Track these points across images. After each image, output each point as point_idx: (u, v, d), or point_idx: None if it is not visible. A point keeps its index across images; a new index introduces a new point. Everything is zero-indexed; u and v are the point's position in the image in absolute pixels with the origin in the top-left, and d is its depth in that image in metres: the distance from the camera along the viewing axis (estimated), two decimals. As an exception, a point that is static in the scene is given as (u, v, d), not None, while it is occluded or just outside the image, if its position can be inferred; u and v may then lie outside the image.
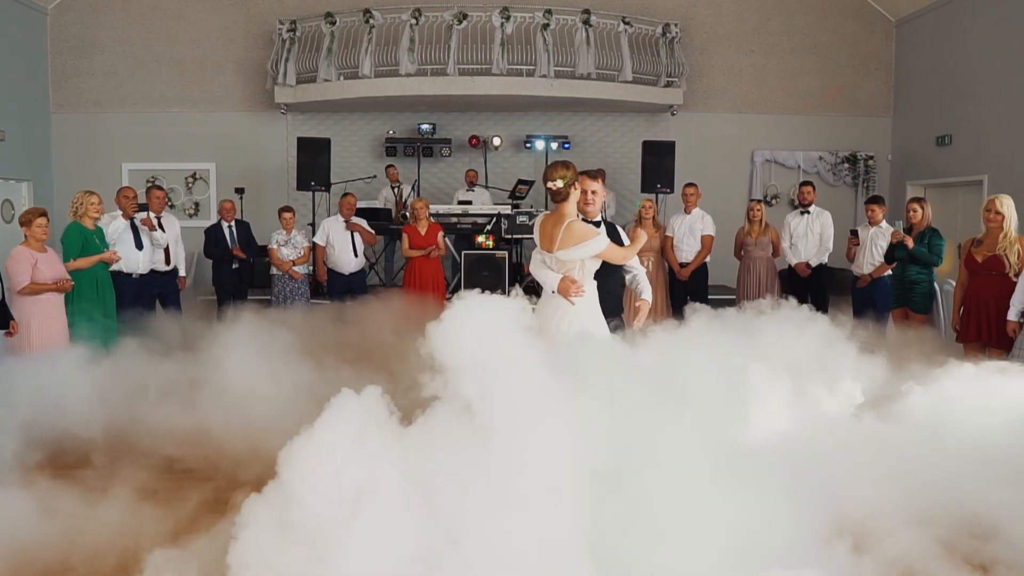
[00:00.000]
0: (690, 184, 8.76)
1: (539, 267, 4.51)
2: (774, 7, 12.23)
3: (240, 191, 10.88)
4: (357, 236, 8.93)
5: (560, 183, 4.37)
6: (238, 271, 8.83)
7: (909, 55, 11.99)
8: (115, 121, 11.87)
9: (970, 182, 10.41)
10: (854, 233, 7.84)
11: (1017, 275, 5.82)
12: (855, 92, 12.34)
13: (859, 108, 12.36)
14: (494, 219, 10.11)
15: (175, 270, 8.28)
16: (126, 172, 11.78)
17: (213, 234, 8.82)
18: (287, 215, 8.68)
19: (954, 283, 6.96)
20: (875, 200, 7.84)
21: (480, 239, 9.88)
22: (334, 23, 11.18)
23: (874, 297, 7.58)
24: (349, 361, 6.04)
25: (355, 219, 9.02)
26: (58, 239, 6.74)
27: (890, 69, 12.35)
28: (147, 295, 7.77)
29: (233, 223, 8.87)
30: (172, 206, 11.41)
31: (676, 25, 11.70)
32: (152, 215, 8.00)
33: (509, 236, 10.21)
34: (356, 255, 8.92)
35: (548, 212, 4.61)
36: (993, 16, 9.98)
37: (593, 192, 4.64)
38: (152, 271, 7.86)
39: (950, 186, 10.98)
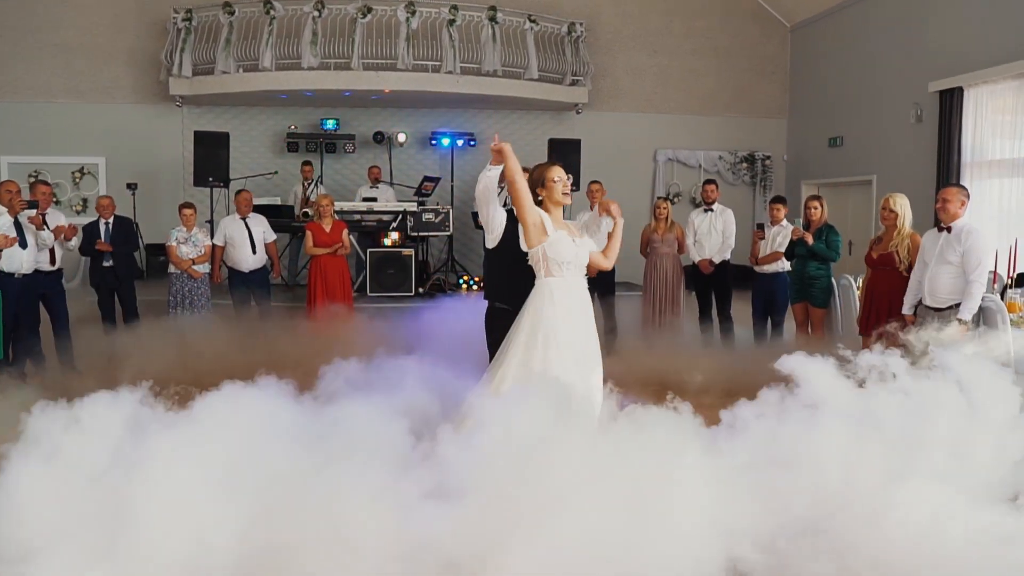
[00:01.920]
0: (595, 181, 8.80)
1: None
2: (676, 9, 12.48)
3: (132, 186, 10.40)
4: (255, 232, 8.61)
5: None
6: (112, 268, 8.35)
7: (803, 59, 12.43)
8: (-7, 111, 11.18)
9: (860, 181, 10.86)
10: (760, 227, 8.04)
11: (908, 270, 6.04)
12: (753, 94, 12.71)
13: (757, 110, 12.75)
14: (400, 216, 9.97)
15: (60, 270, 7.81)
16: (5, 166, 11.10)
17: (89, 232, 8.34)
18: (188, 211, 8.30)
19: (850, 278, 7.23)
20: (779, 200, 8.10)
21: (386, 237, 9.73)
22: (232, 13, 10.80)
23: (774, 292, 7.79)
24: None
25: (253, 215, 8.73)
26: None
27: (786, 72, 12.77)
28: (30, 295, 7.31)
29: (111, 220, 8.39)
30: (58, 202, 10.82)
31: (581, 24, 11.80)
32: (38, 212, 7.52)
33: (415, 233, 10.08)
34: (255, 251, 8.61)
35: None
36: (880, 23, 10.43)
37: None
38: (36, 271, 7.41)
39: (841, 185, 11.43)
